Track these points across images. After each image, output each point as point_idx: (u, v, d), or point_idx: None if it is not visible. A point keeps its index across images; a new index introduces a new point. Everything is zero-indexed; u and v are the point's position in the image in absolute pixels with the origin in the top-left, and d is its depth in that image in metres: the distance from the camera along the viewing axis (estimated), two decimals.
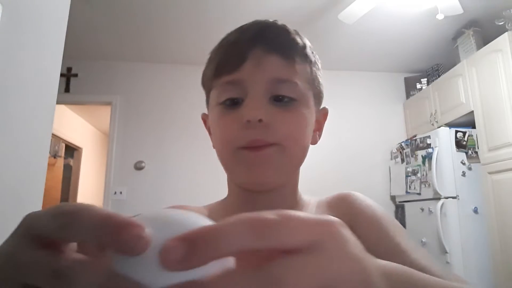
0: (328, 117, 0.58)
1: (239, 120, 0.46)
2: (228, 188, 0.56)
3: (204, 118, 0.59)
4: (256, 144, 0.45)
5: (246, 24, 0.51)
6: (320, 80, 0.54)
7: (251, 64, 0.47)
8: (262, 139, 0.45)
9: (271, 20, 0.51)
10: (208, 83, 0.53)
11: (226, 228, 0.18)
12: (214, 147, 0.52)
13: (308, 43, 0.53)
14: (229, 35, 0.51)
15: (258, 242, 0.18)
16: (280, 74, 0.47)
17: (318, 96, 0.53)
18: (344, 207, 0.52)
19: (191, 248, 0.17)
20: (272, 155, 0.46)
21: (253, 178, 0.47)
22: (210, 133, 0.56)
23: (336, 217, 0.50)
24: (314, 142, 0.54)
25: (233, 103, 0.47)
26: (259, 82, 0.46)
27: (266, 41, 0.48)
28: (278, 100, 0.47)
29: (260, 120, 0.44)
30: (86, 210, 0.18)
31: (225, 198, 0.57)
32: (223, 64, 0.48)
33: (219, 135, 0.49)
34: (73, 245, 0.21)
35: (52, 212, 0.19)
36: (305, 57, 0.51)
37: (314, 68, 0.52)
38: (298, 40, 0.50)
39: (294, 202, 0.53)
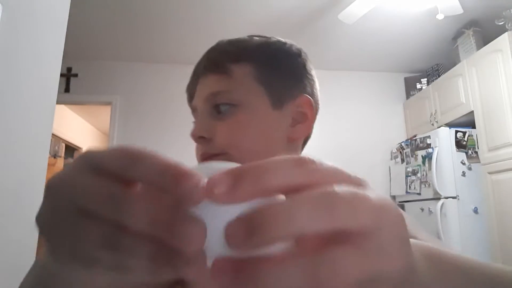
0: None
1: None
2: None
3: None
4: (203, 157, 0.50)
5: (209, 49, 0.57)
6: (280, 76, 0.52)
7: (194, 87, 0.54)
8: (206, 152, 0.50)
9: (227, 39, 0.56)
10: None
11: (272, 163, 0.18)
12: None
13: (257, 43, 0.54)
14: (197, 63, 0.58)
15: (304, 178, 0.18)
16: (214, 88, 0.51)
17: (277, 93, 0.51)
18: None
19: (237, 180, 0.17)
20: (231, 160, 0.48)
21: None
22: None
23: None
24: (297, 136, 0.52)
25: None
26: (199, 100, 0.52)
27: (205, 63, 0.53)
28: (218, 112, 0.51)
29: (200, 137, 0.50)
30: (149, 156, 0.19)
31: None
32: (188, 93, 0.58)
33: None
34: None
35: (116, 152, 0.20)
36: (248, 60, 0.52)
37: (264, 67, 0.52)
38: (230, 49, 0.53)
39: None
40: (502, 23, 2.62)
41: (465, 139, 2.90)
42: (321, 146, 3.23)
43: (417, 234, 0.46)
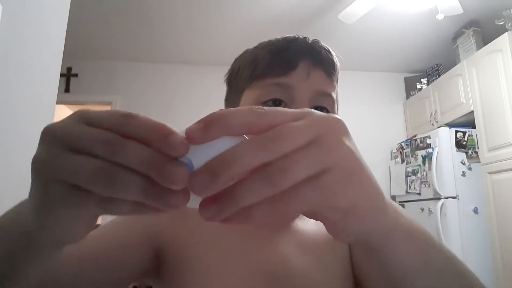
0: None
1: None
2: None
3: None
4: None
5: (290, 36, 0.54)
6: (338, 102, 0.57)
7: (300, 73, 0.49)
8: None
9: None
10: (241, 82, 0.53)
11: (234, 110, 0.22)
12: None
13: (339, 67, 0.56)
14: (275, 42, 0.53)
15: (260, 121, 0.22)
16: (324, 87, 0.50)
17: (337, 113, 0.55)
18: None
19: (207, 124, 0.22)
20: None
21: None
22: None
23: None
24: None
25: (275, 105, 0.48)
26: (306, 91, 0.49)
27: (313, 55, 0.51)
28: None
29: None
30: (140, 116, 0.22)
31: None
32: (272, 67, 0.50)
33: None
34: None
35: (110, 112, 0.23)
36: (337, 79, 0.54)
37: (337, 90, 0.55)
38: (336, 62, 0.54)
39: None
40: (502, 23, 2.62)
41: (465, 139, 2.90)
42: None
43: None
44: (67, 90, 3.47)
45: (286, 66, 0.50)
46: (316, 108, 0.48)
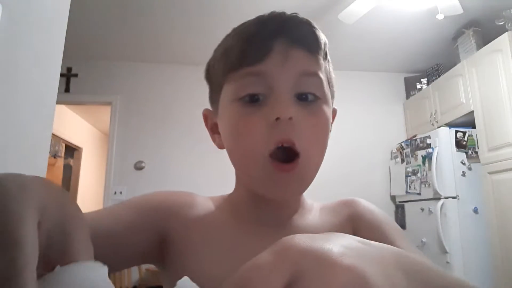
0: None
1: (265, 118, 0.42)
2: (236, 185, 0.53)
3: (207, 114, 0.54)
4: (285, 144, 0.41)
5: (263, 16, 0.47)
6: (333, 81, 0.51)
7: (277, 57, 0.43)
8: (290, 139, 0.41)
9: (289, 13, 0.48)
10: (218, 77, 0.48)
11: None
12: (226, 148, 0.49)
13: (327, 41, 0.49)
14: (246, 26, 0.47)
15: None
16: (307, 67, 0.44)
17: (333, 97, 0.50)
18: (346, 212, 0.52)
19: None
20: (301, 174, 0.44)
21: (279, 196, 0.45)
22: (212, 132, 0.53)
23: (339, 221, 0.50)
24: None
25: (253, 100, 0.43)
26: (286, 76, 0.42)
27: (290, 33, 0.44)
28: (302, 99, 0.43)
29: (290, 118, 0.41)
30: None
31: (231, 194, 0.55)
32: (245, 54, 0.43)
33: (239, 136, 0.44)
34: None
35: None
36: (325, 55, 0.48)
37: (330, 68, 0.49)
38: (321, 35, 0.47)
39: (298, 206, 0.53)
40: (502, 23, 2.62)
41: (465, 139, 2.90)
42: None
43: (399, 242, 0.46)
44: (67, 90, 3.47)
45: (259, 51, 0.43)
46: (301, 95, 0.43)
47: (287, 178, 0.43)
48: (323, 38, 0.47)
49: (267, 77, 0.43)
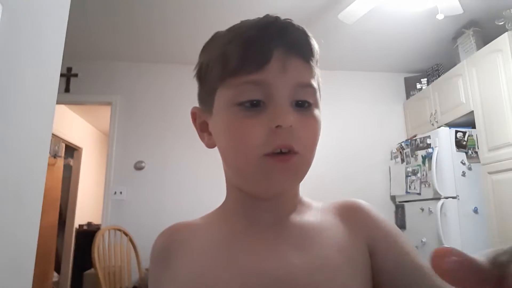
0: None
1: (266, 124, 0.43)
2: (227, 193, 0.54)
3: (196, 112, 0.54)
4: (284, 149, 0.44)
5: (260, 20, 0.48)
6: (321, 85, 0.53)
7: (276, 64, 0.44)
8: (289, 145, 0.43)
9: (282, 17, 0.50)
10: (213, 79, 0.48)
11: None
12: (219, 147, 0.50)
13: (318, 48, 0.51)
14: (245, 30, 0.47)
15: None
16: (303, 78, 0.46)
17: (320, 100, 0.52)
18: (358, 219, 0.50)
19: None
20: (296, 166, 0.45)
21: (272, 188, 0.46)
22: (201, 130, 0.54)
23: (353, 229, 0.49)
24: None
25: (253, 105, 0.44)
26: (284, 85, 0.44)
27: (288, 41, 0.46)
28: (298, 105, 0.46)
29: (290, 126, 0.43)
30: None
31: (223, 205, 0.55)
32: (244, 62, 0.44)
33: (237, 139, 0.45)
34: None
35: None
36: (317, 62, 0.50)
37: (319, 73, 0.51)
38: (314, 43, 0.49)
39: (294, 205, 0.52)
40: (502, 23, 2.62)
41: (465, 139, 2.90)
42: (321, 146, 3.22)
43: (413, 254, 0.46)
44: (67, 90, 3.47)
45: (259, 60, 0.44)
46: (297, 102, 0.46)
47: (284, 168, 0.44)
48: (315, 45, 0.49)
49: (266, 85, 0.44)
